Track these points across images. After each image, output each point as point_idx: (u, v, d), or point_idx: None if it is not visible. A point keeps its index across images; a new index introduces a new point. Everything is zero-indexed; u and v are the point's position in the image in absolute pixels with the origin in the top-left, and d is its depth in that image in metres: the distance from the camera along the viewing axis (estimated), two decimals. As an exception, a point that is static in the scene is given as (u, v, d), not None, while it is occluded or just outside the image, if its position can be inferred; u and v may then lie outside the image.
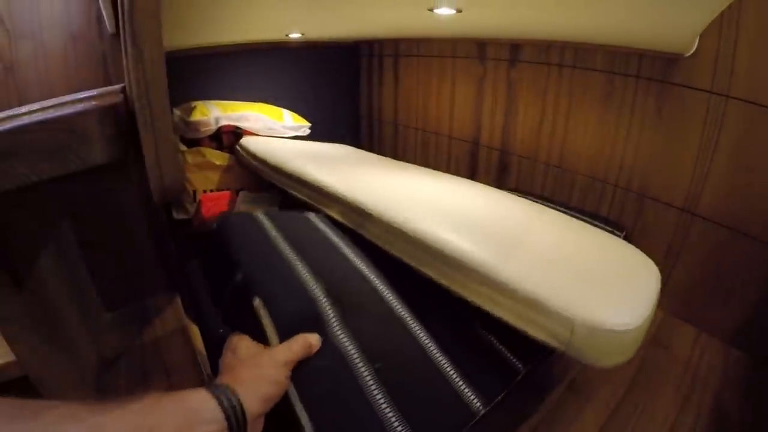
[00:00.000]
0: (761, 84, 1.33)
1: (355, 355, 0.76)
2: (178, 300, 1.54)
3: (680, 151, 1.56)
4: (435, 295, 0.94)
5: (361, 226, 1.08)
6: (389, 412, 0.69)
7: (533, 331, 0.82)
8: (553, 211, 1.35)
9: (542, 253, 0.97)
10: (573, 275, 0.90)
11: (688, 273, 1.65)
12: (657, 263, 1.66)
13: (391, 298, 0.93)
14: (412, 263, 0.97)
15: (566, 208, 1.71)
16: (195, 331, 1.40)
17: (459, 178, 1.57)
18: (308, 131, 1.99)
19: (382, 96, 2.10)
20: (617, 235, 1.57)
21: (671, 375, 1.44)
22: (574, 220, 1.31)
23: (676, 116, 1.54)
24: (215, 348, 0.87)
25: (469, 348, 0.89)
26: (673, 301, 1.70)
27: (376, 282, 0.96)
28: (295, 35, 1.92)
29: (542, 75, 1.72)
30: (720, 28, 1.35)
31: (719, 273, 1.57)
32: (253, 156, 1.63)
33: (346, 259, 1.00)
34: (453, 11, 1.33)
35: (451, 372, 0.82)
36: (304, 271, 0.90)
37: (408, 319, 0.90)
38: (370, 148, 1.95)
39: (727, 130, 1.45)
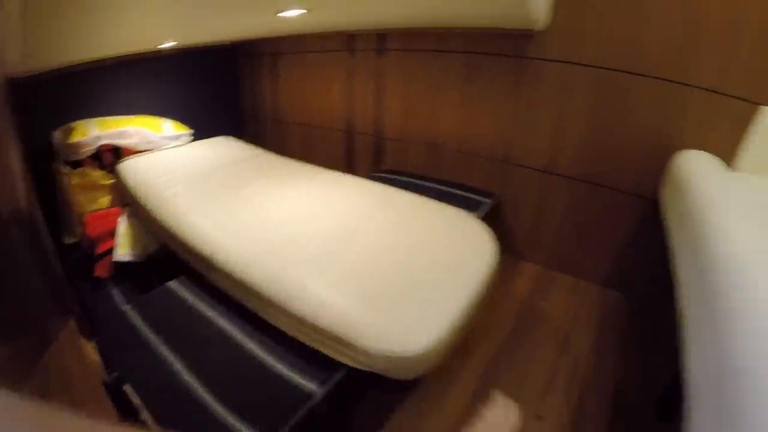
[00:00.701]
0: (608, 51, 1.47)
1: (206, 394, 0.90)
2: (72, 323, 1.55)
3: (539, 119, 1.68)
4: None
5: (209, 274, 1.22)
6: (229, 416, 0.84)
7: (337, 357, 0.94)
8: (404, 198, 1.43)
9: (353, 271, 1.07)
10: (377, 296, 0.99)
11: (557, 227, 1.79)
12: (527, 222, 1.80)
13: (233, 332, 1.07)
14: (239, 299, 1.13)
15: (437, 183, 1.81)
16: (90, 348, 1.44)
17: (319, 173, 1.63)
18: (190, 138, 2.00)
19: (262, 94, 2.13)
20: (484, 203, 1.67)
21: (551, 322, 1.56)
22: (422, 207, 1.39)
23: (533, 88, 1.66)
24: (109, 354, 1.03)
25: (299, 349, 1.00)
26: (547, 254, 1.85)
27: (223, 324, 1.10)
28: (167, 44, 1.91)
29: (408, 61, 1.80)
30: (570, 2, 1.48)
31: (585, 223, 1.72)
32: (129, 193, 1.66)
33: (199, 316, 1.13)
34: (301, 11, 1.37)
35: (281, 367, 0.96)
36: (165, 351, 1.01)
37: (247, 343, 1.03)
38: (254, 145, 1.98)
39: (579, 95, 1.59)
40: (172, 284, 1.26)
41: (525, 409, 1.25)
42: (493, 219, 1.75)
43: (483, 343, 1.44)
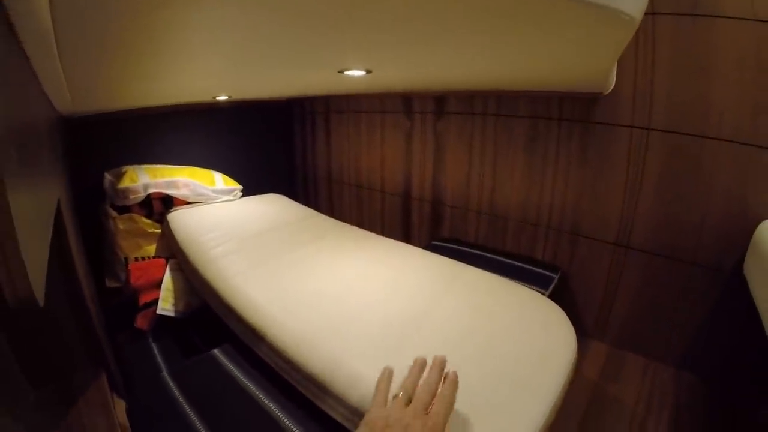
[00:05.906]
0: (680, 113, 1.39)
1: None
2: (104, 377, 1.48)
3: (608, 187, 1.58)
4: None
5: (257, 347, 1.13)
6: None
7: None
8: (473, 275, 1.32)
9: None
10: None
11: (629, 304, 1.64)
12: (597, 299, 1.66)
13: (274, 410, 0.98)
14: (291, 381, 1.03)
15: (501, 255, 1.71)
16: (120, 406, 1.34)
17: (379, 242, 1.55)
18: (240, 194, 1.98)
19: (315, 153, 2.10)
20: (551, 277, 1.55)
21: (624, 408, 1.41)
22: (494, 287, 1.26)
23: (600, 154, 1.57)
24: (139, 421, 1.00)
25: None
26: (618, 332, 1.69)
27: (265, 401, 1.01)
28: (222, 97, 1.94)
29: (467, 125, 1.74)
30: (636, 64, 1.42)
31: (660, 300, 1.58)
32: (176, 245, 1.62)
33: (239, 391, 1.05)
34: (362, 72, 1.35)
35: None
36: (201, 427, 0.95)
37: (290, 426, 0.94)
38: (306, 204, 1.93)
39: (651, 162, 1.49)
40: (216, 353, 1.18)
41: None
42: (559, 294, 1.63)
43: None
